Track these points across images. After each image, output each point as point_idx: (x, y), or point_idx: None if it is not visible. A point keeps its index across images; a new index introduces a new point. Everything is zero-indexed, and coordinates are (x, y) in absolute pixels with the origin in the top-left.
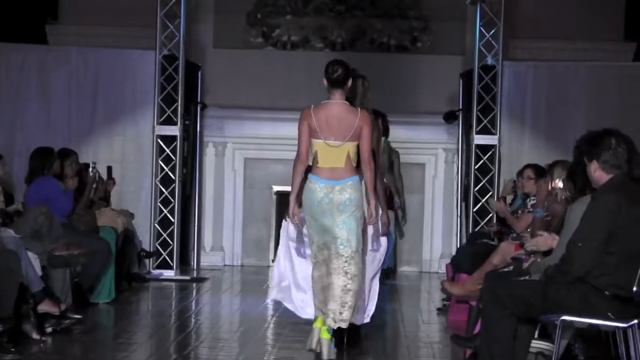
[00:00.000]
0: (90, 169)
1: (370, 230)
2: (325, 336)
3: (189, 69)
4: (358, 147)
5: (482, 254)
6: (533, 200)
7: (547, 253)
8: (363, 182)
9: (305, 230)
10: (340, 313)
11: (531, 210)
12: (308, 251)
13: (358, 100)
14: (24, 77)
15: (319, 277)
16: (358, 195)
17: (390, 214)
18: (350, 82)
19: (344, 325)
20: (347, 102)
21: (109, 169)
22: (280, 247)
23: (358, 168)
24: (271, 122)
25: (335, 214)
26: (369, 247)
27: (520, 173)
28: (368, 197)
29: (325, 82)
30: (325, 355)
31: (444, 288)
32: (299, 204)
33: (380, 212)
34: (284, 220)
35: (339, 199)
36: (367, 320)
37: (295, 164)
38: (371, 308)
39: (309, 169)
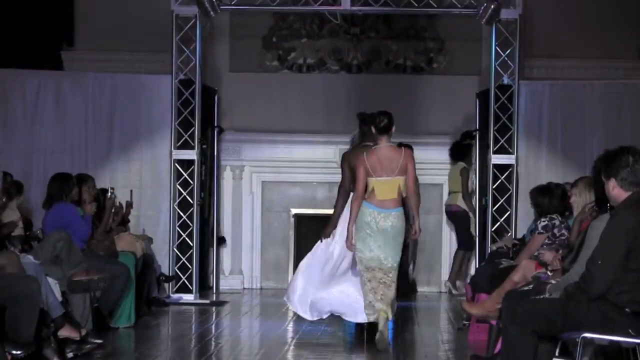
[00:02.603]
0: (109, 194)
1: None
2: (383, 328)
3: (205, 93)
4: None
5: (500, 273)
6: (544, 221)
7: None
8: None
9: (331, 249)
10: (386, 310)
11: (542, 231)
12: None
13: None
14: (40, 102)
15: (369, 287)
16: (400, 224)
17: None
18: (394, 129)
19: (390, 317)
20: (393, 144)
21: (131, 193)
22: (306, 261)
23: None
24: (287, 144)
25: (380, 236)
26: None
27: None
28: (412, 218)
29: (373, 129)
30: (380, 346)
31: (464, 309)
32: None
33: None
34: (319, 242)
35: (384, 225)
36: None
37: (354, 200)
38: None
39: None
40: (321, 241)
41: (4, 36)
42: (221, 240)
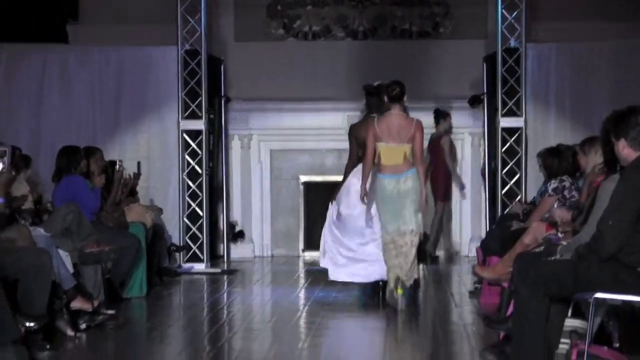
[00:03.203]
0: (117, 166)
1: None
2: (400, 292)
3: (211, 63)
4: (412, 148)
5: (511, 236)
6: (554, 183)
7: (576, 233)
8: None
9: (342, 212)
10: (409, 272)
11: (552, 194)
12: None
13: None
14: (46, 77)
15: (391, 251)
16: (417, 184)
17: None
18: (405, 98)
19: (415, 276)
20: (404, 113)
21: (139, 164)
22: (325, 226)
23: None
24: (295, 112)
25: (400, 199)
26: None
27: (540, 154)
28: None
29: (385, 98)
30: (399, 306)
31: (476, 272)
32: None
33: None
34: (330, 204)
35: (404, 188)
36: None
37: (364, 162)
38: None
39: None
40: (331, 204)
41: (9, 11)
42: (239, 235)
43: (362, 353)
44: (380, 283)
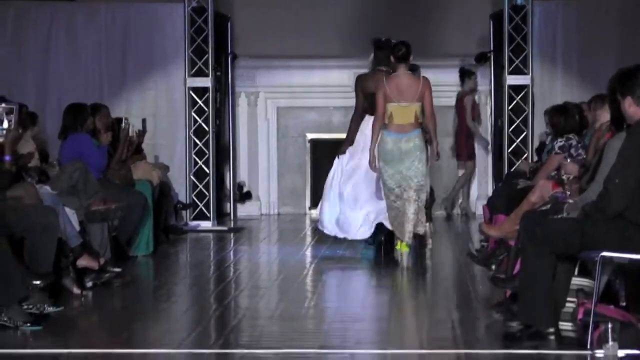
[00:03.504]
0: (123, 123)
1: None
2: (405, 249)
3: (218, 20)
4: (422, 106)
5: (518, 194)
6: (560, 141)
7: (583, 191)
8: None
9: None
10: (414, 229)
11: (559, 152)
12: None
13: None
14: (52, 34)
15: (395, 210)
16: (420, 143)
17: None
18: (411, 58)
19: (421, 232)
20: (411, 72)
21: (144, 121)
22: (329, 180)
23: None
24: (302, 69)
25: (404, 158)
26: None
27: (547, 112)
28: (431, 143)
29: (392, 58)
30: (405, 263)
31: (482, 231)
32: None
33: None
34: (336, 158)
35: (406, 147)
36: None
37: (375, 123)
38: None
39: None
40: (337, 157)
41: None
42: (247, 195)
43: (367, 313)
44: (383, 239)
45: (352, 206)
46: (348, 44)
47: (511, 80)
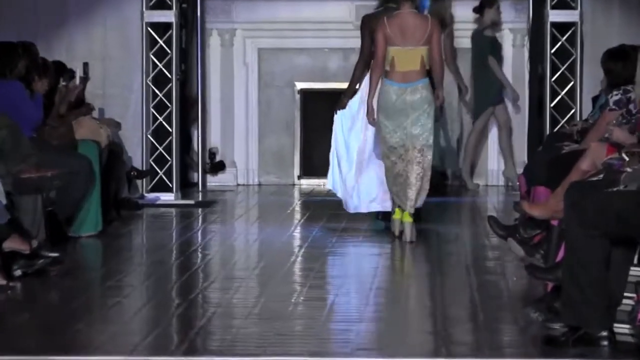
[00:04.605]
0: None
1: None
2: (408, 220)
3: None
4: (429, 50)
5: (563, 160)
6: (617, 95)
7: None
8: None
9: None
10: (417, 198)
11: (614, 107)
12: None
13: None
14: None
15: (395, 172)
16: (429, 94)
17: None
18: None
19: (419, 205)
20: (416, 10)
21: (85, 66)
22: (333, 140)
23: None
24: (291, 2)
25: (409, 112)
26: None
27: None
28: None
29: None
30: (409, 237)
31: (521, 209)
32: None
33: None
34: (335, 115)
35: (411, 99)
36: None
37: (374, 69)
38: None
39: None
40: (335, 113)
41: None
42: (219, 166)
43: (370, 312)
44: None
45: (360, 174)
46: None
47: (555, 16)
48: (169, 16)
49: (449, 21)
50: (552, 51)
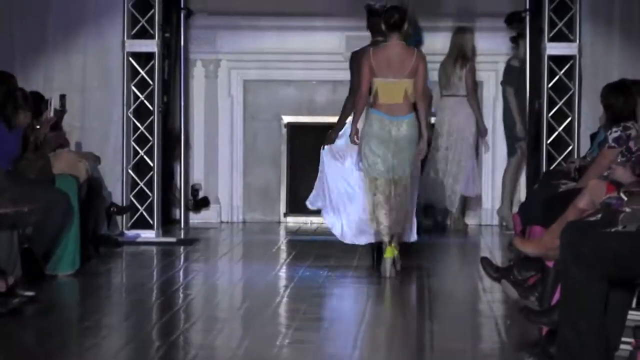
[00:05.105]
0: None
1: None
2: (388, 255)
3: None
4: (414, 83)
5: (560, 198)
6: (616, 131)
7: None
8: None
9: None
10: (396, 226)
11: (613, 145)
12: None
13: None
14: None
15: (377, 202)
16: (413, 132)
17: None
18: (406, 26)
19: (408, 240)
20: (404, 42)
21: (62, 98)
22: (321, 174)
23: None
24: (277, 31)
25: (391, 145)
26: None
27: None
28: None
29: (383, 25)
30: (387, 272)
31: (514, 246)
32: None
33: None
34: (322, 150)
35: (396, 134)
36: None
37: (357, 100)
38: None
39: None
40: (323, 148)
41: None
42: (203, 203)
43: (359, 356)
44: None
45: (347, 205)
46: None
47: (552, 49)
48: (151, 46)
49: (470, 55)
50: (550, 85)
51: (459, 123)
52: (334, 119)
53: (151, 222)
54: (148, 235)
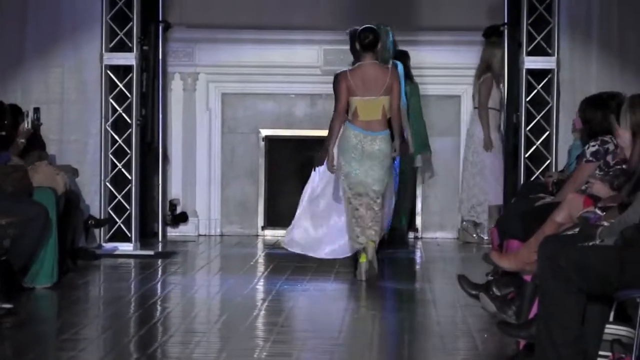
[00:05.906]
0: (27, 119)
1: None
2: (363, 260)
3: None
4: (390, 99)
5: (537, 213)
6: (594, 146)
7: (623, 210)
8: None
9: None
10: (374, 238)
11: (591, 159)
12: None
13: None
14: None
15: (355, 214)
16: (387, 147)
17: None
18: (380, 46)
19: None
20: (377, 62)
21: (36, 111)
22: (303, 195)
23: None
24: (256, 44)
25: (365, 160)
26: None
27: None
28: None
29: (357, 45)
30: (364, 276)
31: (491, 261)
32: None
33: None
34: (313, 171)
35: (370, 149)
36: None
37: (334, 120)
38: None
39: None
40: (314, 170)
41: None
42: (181, 218)
43: None
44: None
45: (324, 222)
46: (317, 11)
47: (530, 63)
48: (129, 59)
49: (496, 68)
50: (528, 99)
51: (479, 134)
52: (312, 133)
53: (129, 235)
54: (126, 248)
